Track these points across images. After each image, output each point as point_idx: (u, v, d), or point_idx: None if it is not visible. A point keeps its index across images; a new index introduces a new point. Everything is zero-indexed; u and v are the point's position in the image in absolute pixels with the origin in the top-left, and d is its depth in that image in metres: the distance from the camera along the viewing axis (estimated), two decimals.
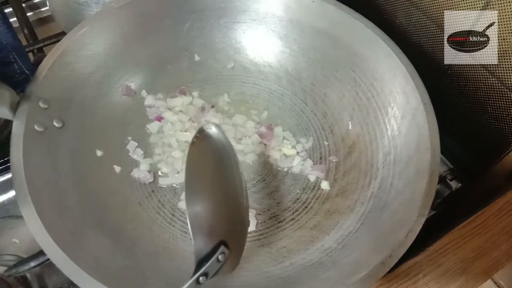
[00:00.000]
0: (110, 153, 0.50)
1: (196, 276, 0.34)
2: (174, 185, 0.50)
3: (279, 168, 0.52)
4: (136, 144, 0.52)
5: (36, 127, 0.43)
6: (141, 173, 0.50)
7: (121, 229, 0.44)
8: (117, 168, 0.49)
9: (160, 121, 0.54)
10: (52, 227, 0.37)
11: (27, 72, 0.45)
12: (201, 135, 0.41)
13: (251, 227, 0.47)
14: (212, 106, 0.56)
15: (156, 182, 0.50)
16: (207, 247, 0.35)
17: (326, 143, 0.53)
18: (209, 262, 0.34)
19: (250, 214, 0.48)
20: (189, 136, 0.53)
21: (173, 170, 0.50)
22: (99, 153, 0.49)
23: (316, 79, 0.57)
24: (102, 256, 0.39)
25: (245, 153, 0.52)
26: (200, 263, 0.34)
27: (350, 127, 0.53)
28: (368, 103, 0.52)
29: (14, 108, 0.43)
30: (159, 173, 0.51)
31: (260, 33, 0.58)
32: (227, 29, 0.58)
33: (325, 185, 0.50)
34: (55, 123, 0.46)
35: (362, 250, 0.40)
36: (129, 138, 0.52)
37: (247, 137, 0.53)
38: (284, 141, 0.54)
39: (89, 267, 0.36)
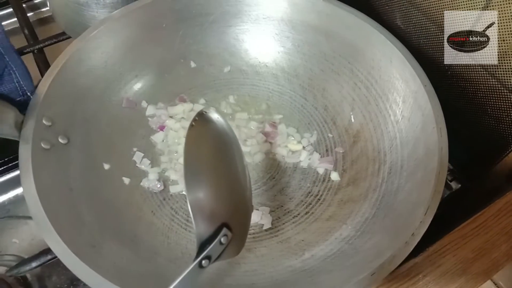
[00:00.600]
0: (117, 165, 0.50)
1: (198, 259, 0.33)
2: (184, 192, 0.49)
3: (287, 164, 0.52)
4: (142, 154, 0.51)
5: (42, 145, 0.43)
6: (150, 182, 0.49)
7: (139, 239, 0.44)
8: (126, 180, 0.49)
9: (163, 130, 0.54)
10: (72, 243, 0.37)
11: (29, 94, 0.45)
12: (201, 118, 0.39)
13: (267, 225, 0.47)
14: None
15: (167, 190, 0.49)
16: (209, 230, 0.34)
17: (330, 135, 0.54)
18: (212, 245, 0.33)
19: (264, 212, 0.48)
20: None
21: (182, 177, 0.50)
22: (106, 166, 0.49)
23: (313, 74, 0.58)
24: (125, 265, 0.39)
25: (252, 154, 0.53)
26: (202, 246, 0.34)
27: (352, 117, 0.54)
28: (367, 92, 0.53)
29: (19, 127, 0.43)
30: (169, 181, 0.50)
31: (253, 35, 0.59)
32: (220, 33, 0.59)
33: (335, 176, 0.50)
34: (60, 140, 0.45)
35: (382, 234, 0.41)
36: (135, 149, 0.52)
37: (252, 138, 0.54)
38: (289, 138, 0.54)
39: (113, 277, 0.35)
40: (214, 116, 0.39)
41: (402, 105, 0.49)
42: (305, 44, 0.58)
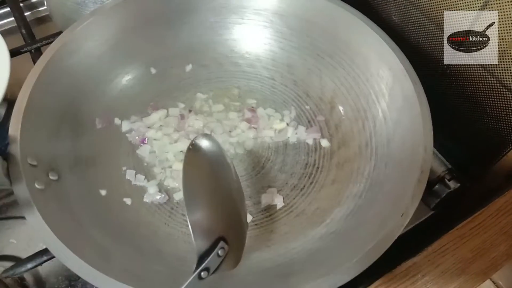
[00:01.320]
0: (113, 189, 0.48)
1: (198, 271, 0.35)
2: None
3: (277, 144, 0.53)
4: (134, 171, 0.50)
5: (36, 185, 0.40)
6: (152, 196, 0.48)
7: (164, 252, 0.43)
8: (128, 200, 0.47)
9: (145, 143, 0.52)
10: (104, 270, 0.35)
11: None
12: (194, 147, 0.42)
13: (280, 203, 0.48)
14: (190, 111, 0.55)
15: (172, 198, 0.49)
16: (207, 243, 0.36)
17: (307, 107, 0.56)
18: (210, 257, 0.35)
19: (273, 192, 0.49)
20: (180, 145, 0.52)
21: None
22: (103, 192, 0.47)
23: (274, 55, 0.59)
24: (164, 281, 0.38)
25: (241, 143, 0.53)
26: (201, 258, 0.36)
27: (322, 85, 0.56)
28: (331, 60, 0.56)
29: (7, 174, 0.39)
30: (170, 189, 0.49)
31: (206, 28, 0.59)
32: (176, 32, 0.58)
33: (325, 143, 0.53)
34: (51, 177, 0.43)
35: (393, 178, 0.44)
36: (124, 168, 0.50)
37: (236, 128, 0.54)
38: (271, 118, 0.55)
39: None
40: (205, 143, 0.42)
41: (369, 62, 0.52)
42: (261, 28, 0.59)
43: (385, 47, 0.49)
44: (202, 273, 0.35)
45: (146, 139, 0.53)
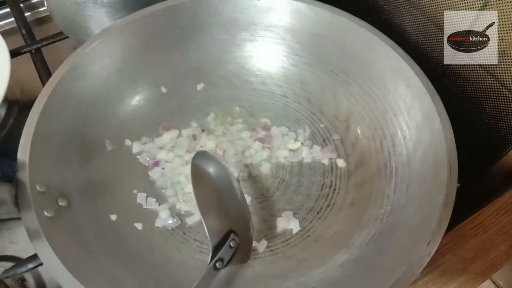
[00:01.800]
0: (124, 213, 0.46)
1: (213, 261, 0.38)
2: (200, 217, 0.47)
3: (292, 164, 0.52)
4: (145, 194, 0.48)
5: (46, 213, 0.39)
6: (164, 221, 0.47)
7: (179, 282, 0.41)
8: (139, 226, 0.46)
9: (158, 166, 0.51)
10: None
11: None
12: (195, 160, 0.44)
13: (296, 228, 0.46)
14: (203, 130, 0.54)
15: (184, 223, 0.47)
16: (219, 235, 0.40)
17: (322, 125, 0.55)
18: (223, 248, 0.39)
19: (288, 216, 0.47)
20: None
21: (195, 207, 0.48)
22: (113, 217, 0.45)
23: (286, 71, 0.58)
24: None
25: (255, 165, 0.52)
26: (215, 250, 0.39)
27: (337, 102, 0.55)
28: (345, 76, 0.54)
29: (16, 202, 0.38)
30: (182, 212, 0.48)
31: (213, 47, 0.58)
32: (185, 50, 0.57)
33: (341, 163, 0.51)
34: (60, 203, 0.41)
35: (416, 202, 0.42)
36: (135, 191, 0.49)
37: (250, 148, 0.53)
38: (285, 138, 0.54)
39: None
40: (196, 163, 0.43)
41: (384, 78, 0.50)
42: (272, 44, 0.58)
43: (401, 61, 0.48)
44: (217, 264, 0.38)
45: (159, 161, 0.51)
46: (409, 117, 0.47)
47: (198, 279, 0.37)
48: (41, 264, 0.40)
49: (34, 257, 0.41)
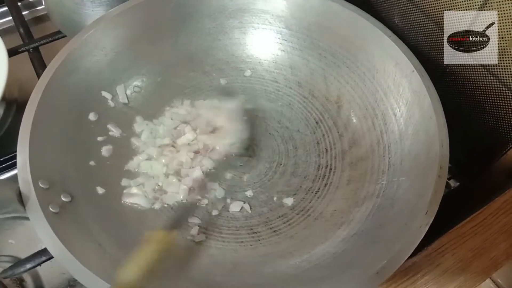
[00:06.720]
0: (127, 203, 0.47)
1: None
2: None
3: (287, 147, 0.53)
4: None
5: (51, 209, 0.39)
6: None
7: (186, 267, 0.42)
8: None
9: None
10: None
11: None
12: None
13: (289, 202, 0.48)
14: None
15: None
16: None
17: (314, 108, 0.56)
18: None
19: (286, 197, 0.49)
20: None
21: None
22: (100, 191, 0.46)
23: (275, 56, 0.59)
24: None
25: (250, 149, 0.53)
26: None
27: (327, 85, 0.56)
28: (333, 57, 0.55)
29: (20, 200, 0.38)
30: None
31: (204, 35, 0.58)
32: (174, 40, 0.57)
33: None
34: (63, 199, 0.41)
35: (411, 176, 0.44)
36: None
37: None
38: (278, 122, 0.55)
39: None
40: None
41: (372, 59, 0.52)
42: (260, 30, 0.58)
43: (388, 41, 0.49)
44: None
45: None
46: (399, 95, 0.49)
47: None
48: (40, 264, 0.41)
49: (33, 257, 0.41)
